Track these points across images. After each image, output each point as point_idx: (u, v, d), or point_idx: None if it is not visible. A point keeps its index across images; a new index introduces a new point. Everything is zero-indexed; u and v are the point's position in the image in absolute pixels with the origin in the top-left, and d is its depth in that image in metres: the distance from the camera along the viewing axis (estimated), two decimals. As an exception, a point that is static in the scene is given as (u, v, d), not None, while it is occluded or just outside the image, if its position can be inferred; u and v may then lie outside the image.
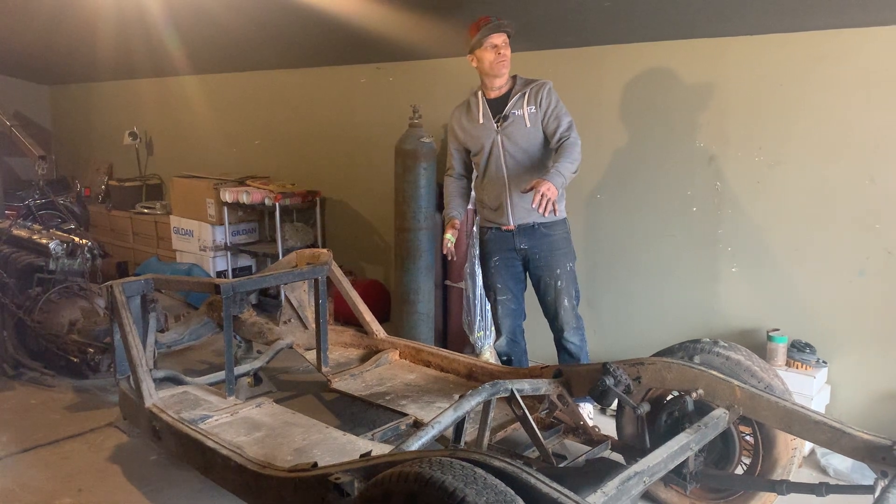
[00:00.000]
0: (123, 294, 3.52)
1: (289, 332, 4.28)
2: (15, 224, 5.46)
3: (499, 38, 3.61)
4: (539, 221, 3.71)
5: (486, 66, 3.66)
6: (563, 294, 3.76)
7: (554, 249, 3.76)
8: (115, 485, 3.43)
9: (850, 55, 3.57)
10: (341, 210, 6.38)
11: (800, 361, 3.75)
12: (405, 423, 3.23)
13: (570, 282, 3.78)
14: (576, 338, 3.82)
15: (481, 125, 3.78)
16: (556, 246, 3.77)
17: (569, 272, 3.79)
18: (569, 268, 3.79)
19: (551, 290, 3.77)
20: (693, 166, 4.12)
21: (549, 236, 3.76)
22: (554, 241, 3.76)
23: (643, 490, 2.31)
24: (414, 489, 1.80)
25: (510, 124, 3.69)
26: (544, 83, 3.70)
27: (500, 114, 3.73)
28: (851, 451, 2.41)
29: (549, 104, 3.66)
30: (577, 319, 3.82)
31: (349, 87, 6.07)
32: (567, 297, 3.77)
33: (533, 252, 3.78)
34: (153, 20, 5.79)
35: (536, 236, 3.76)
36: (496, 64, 3.64)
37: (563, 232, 3.80)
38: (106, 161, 9.09)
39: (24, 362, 4.77)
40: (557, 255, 3.76)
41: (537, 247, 3.76)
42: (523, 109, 3.67)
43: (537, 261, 3.78)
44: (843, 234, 3.70)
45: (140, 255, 7.56)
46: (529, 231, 3.76)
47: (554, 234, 3.76)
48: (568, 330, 3.80)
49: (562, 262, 3.77)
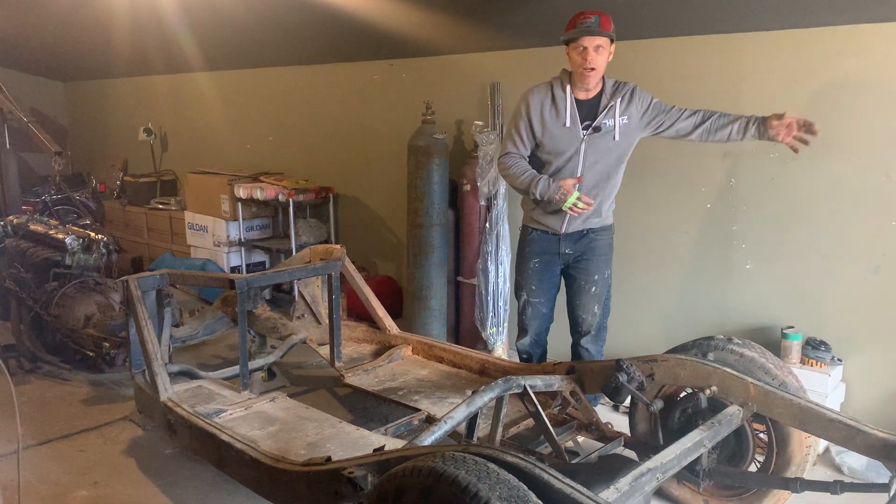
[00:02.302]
0: (139, 289, 3.54)
1: (302, 328, 4.30)
2: (31, 219, 5.50)
3: (591, 41, 3.28)
4: (589, 228, 3.63)
5: (574, 68, 3.40)
6: (593, 300, 3.70)
7: (597, 255, 3.67)
8: (131, 478, 3.46)
9: (867, 51, 3.54)
10: (354, 206, 6.39)
11: (814, 359, 3.73)
12: (418, 419, 3.24)
13: (603, 289, 3.72)
14: (592, 346, 3.77)
15: (567, 129, 3.46)
16: (600, 251, 3.67)
17: (605, 280, 3.71)
18: (606, 275, 3.71)
19: (583, 293, 3.70)
20: (707, 163, 4.10)
21: (595, 241, 3.66)
22: (598, 247, 3.67)
23: (656, 487, 2.31)
24: (427, 483, 1.81)
25: (600, 136, 3.45)
26: (633, 87, 3.48)
27: (589, 120, 3.46)
28: (866, 449, 2.40)
29: (644, 109, 3.47)
30: (599, 330, 3.76)
31: (362, 84, 6.08)
32: (597, 304, 3.71)
33: (575, 255, 3.68)
34: (167, 17, 5.82)
35: (584, 241, 3.65)
36: (581, 71, 3.35)
37: (607, 238, 3.70)
38: (121, 157, 9.15)
39: (41, 356, 4.81)
40: (599, 261, 3.68)
41: (581, 250, 3.66)
42: (615, 120, 3.43)
43: (577, 263, 3.69)
44: (858, 230, 3.68)
45: (154, 251, 7.60)
46: (577, 236, 3.65)
47: (600, 239, 3.67)
48: (588, 339, 3.76)
49: (601, 268, 3.69)
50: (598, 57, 3.32)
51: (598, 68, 3.35)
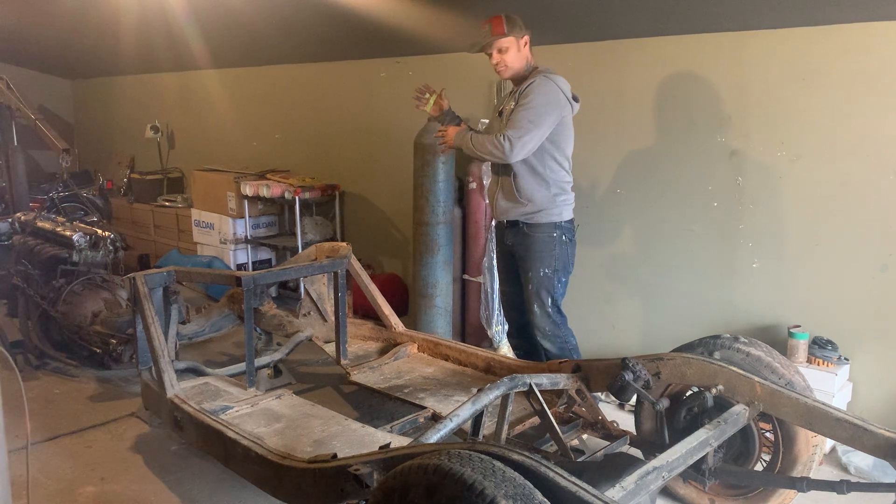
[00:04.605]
0: (146, 286, 3.56)
1: (308, 325, 4.31)
2: (39, 216, 5.52)
3: (489, 47, 3.62)
4: (523, 220, 3.69)
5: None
6: (532, 298, 3.72)
7: (531, 250, 3.68)
8: (137, 474, 3.48)
9: (874, 49, 3.52)
10: (360, 204, 6.40)
11: (821, 358, 3.72)
12: (423, 416, 3.24)
13: (540, 287, 3.68)
14: (549, 345, 3.76)
15: (494, 117, 3.86)
16: (534, 248, 3.67)
17: (541, 277, 3.67)
18: (542, 273, 3.67)
19: (525, 290, 3.76)
20: (714, 161, 4.09)
21: (530, 237, 3.68)
22: (532, 242, 3.67)
23: (662, 485, 2.31)
24: (433, 481, 1.81)
25: (500, 120, 3.70)
26: (535, 78, 3.56)
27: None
28: (873, 448, 2.39)
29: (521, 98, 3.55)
30: (553, 327, 3.73)
31: (369, 81, 6.08)
32: (537, 303, 3.71)
33: (515, 249, 3.77)
34: (175, 15, 5.83)
35: (520, 234, 3.72)
36: (495, 69, 3.69)
37: (546, 235, 3.67)
38: (128, 154, 9.18)
39: (49, 353, 4.83)
40: (532, 257, 3.68)
41: (518, 244, 3.74)
42: (509, 106, 3.64)
43: (517, 259, 3.77)
44: (865, 229, 3.66)
45: (161, 248, 7.63)
46: (515, 227, 3.74)
47: (534, 234, 3.67)
48: (540, 335, 3.76)
49: (535, 264, 3.68)
50: (504, 57, 3.62)
51: (507, 66, 3.64)
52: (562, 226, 3.70)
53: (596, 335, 4.62)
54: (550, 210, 3.66)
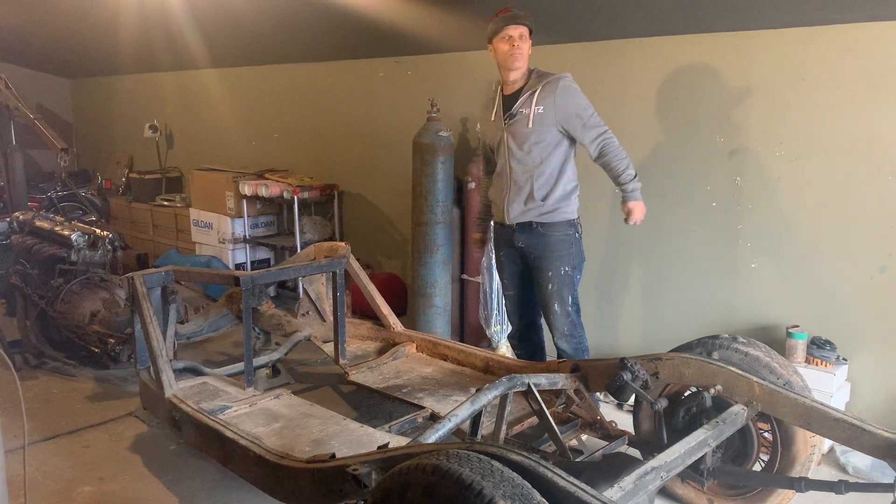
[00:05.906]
0: (144, 285, 3.55)
1: (307, 325, 4.30)
2: (37, 215, 5.52)
3: (515, 30, 3.53)
4: (537, 220, 3.65)
5: (501, 57, 3.59)
6: (553, 298, 3.67)
7: (549, 250, 3.65)
8: (135, 474, 3.47)
9: (874, 49, 3.52)
10: (359, 203, 6.39)
11: (819, 358, 3.72)
12: (422, 416, 3.24)
13: (562, 286, 3.66)
14: (566, 345, 3.72)
15: (493, 122, 3.74)
16: (553, 247, 3.64)
17: (562, 276, 3.65)
18: (563, 272, 3.65)
19: (543, 291, 3.71)
20: (713, 161, 4.10)
21: (546, 236, 3.65)
22: (550, 242, 3.64)
23: (660, 485, 2.31)
24: (431, 481, 1.81)
25: (514, 123, 3.61)
26: (559, 78, 3.56)
27: (509, 111, 3.65)
28: (871, 448, 2.39)
29: (564, 103, 3.52)
30: (571, 327, 3.70)
31: (368, 81, 6.08)
32: (558, 302, 3.68)
33: (529, 250, 3.70)
34: (174, 14, 5.83)
35: (534, 235, 3.66)
36: (510, 56, 3.55)
37: (562, 234, 3.65)
38: (126, 154, 9.17)
39: (47, 352, 4.83)
40: (552, 257, 3.65)
41: (533, 245, 3.68)
42: (530, 108, 3.55)
43: (532, 260, 3.72)
44: (864, 229, 3.66)
45: (160, 248, 7.62)
46: (528, 229, 3.68)
47: (551, 234, 3.64)
48: (558, 336, 3.73)
49: (555, 264, 3.65)
50: (523, 43, 3.56)
51: (523, 53, 3.58)
52: (574, 223, 3.71)
53: (595, 335, 4.61)
54: (565, 208, 3.65)
